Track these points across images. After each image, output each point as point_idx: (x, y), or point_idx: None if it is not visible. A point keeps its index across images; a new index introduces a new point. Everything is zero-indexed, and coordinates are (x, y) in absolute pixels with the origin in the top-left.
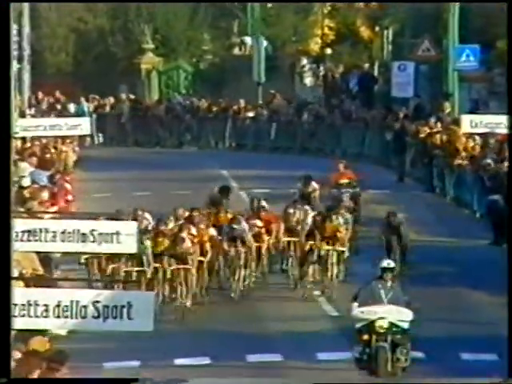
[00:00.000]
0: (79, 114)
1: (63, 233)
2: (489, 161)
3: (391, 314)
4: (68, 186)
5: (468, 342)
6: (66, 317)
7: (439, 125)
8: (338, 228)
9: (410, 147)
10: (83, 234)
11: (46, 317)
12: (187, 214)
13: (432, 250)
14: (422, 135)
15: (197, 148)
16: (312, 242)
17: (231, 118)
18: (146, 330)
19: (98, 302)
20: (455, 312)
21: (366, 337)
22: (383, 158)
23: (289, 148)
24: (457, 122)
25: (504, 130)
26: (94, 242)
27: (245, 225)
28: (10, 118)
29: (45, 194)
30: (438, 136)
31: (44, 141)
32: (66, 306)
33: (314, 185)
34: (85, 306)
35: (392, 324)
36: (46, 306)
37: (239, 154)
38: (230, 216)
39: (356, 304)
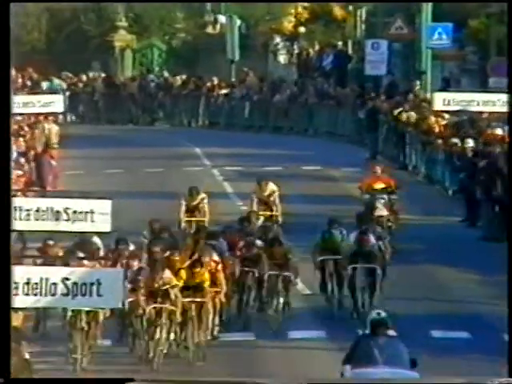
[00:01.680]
0: (52, 91)
1: (37, 211)
2: (456, 140)
3: (391, 376)
4: (53, 162)
5: (439, 319)
6: (36, 294)
7: (411, 103)
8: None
9: (383, 125)
10: (57, 211)
11: (15, 294)
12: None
13: (404, 228)
14: (395, 113)
15: (170, 126)
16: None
17: (204, 96)
18: (114, 306)
19: (67, 279)
20: (427, 290)
21: None
22: (356, 136)
23: (262, 126)
24: (429, 100)
25: (476, 108)
26: (68, 220)
27: None
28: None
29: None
30: (410, 114)
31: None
32: (36, 283)
33: (273, 187)
34: (55, 284)
35: None
36: (15, 283)
37: (212, 132)
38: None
39: (349, 366)
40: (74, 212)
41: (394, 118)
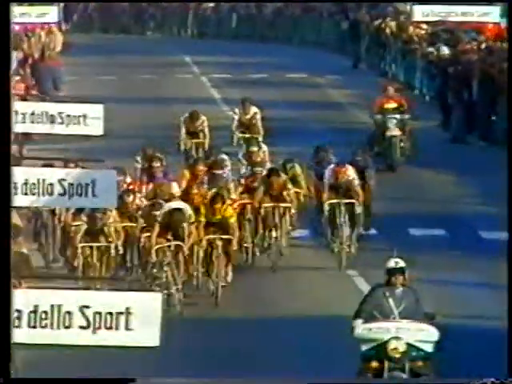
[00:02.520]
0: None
1: (32, 114)
2: (431, 49)
3: (408, 331)
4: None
5: (418, 218)
6: (34, 194)
7: (392, 14)
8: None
9: (365, 36)
10: (51, 115)
11: (14, 194)
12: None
13: None
14: (376, 24)
15: (160, 35)
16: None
17: (193, 9)
18: (108, 206)
19: (63, 180)
20: (405, 190)
21: (375, 364)
22: (339, 45)
23: (249, 36)
24: (408, 12)
25: (455, 19)
26: (62, 123)
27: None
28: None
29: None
30: (390, 25)
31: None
32: (34, 183)
33: (254, 109)
34: (51, 184)
35: (410, 346)
36: (14, 183)
37: (201, 42)
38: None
39: (360, 321)
40: (68, 116)
41: (375, 29)
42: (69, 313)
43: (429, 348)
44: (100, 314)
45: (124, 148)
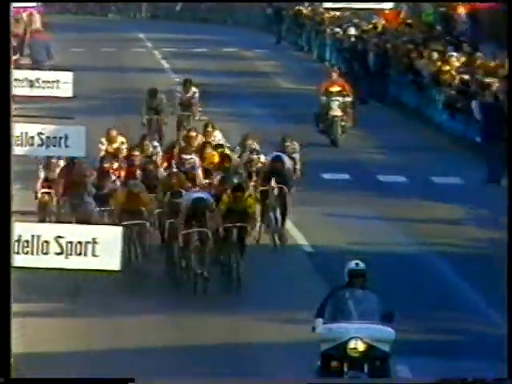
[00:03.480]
0: None
1: (15, 80)
2: (338, 29)
3: (367, 332)
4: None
5: (383, 166)
6: (18, 145)
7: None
8: None
9: (285, 18)
10: (30, 80)
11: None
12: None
13: (300, 95)
14: (296, 9)
15: (120, 17)
16: None
17: None
18: (78, 155)
19: (42, 133)
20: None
21: (335, 364)
22: (265, 26)
23: (192, 18)
24: None
25: (359, 5)
26: (38, 87)
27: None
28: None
29: None
30: (307, 10)
31: None
32: (18, 136)
33: (194, 89)
34: (32, 137)
35: (370, 346)
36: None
37: (153, 22)
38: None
39: (321, 320)
40: (44, 81)
41: (293, 13)
42: (46, 242)
43: (387, 348)
44: (71, 243)
45: (91, 107)
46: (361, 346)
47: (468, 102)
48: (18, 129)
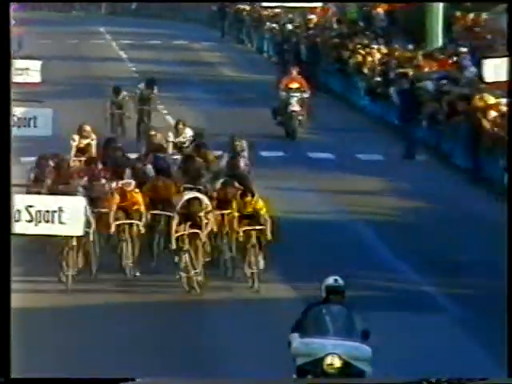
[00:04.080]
0: None
1: None
2: (274, 25)
3: (344, 348)
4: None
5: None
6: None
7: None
8: None
9: (228, 14)
10: None
11: None
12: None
13: (241, 82)
14: (235, 8)
15: (83, 13)
16: None
17: None
18: (45, 135)
19: (13, 115)
20: None
21: (310, 379)
22: (211, 21)
23: (146, 14)
24: None
25: (290, 4)
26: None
27: None
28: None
29: None
30: (245, 7)
31: None
32: None
33: (155, 88)
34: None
35: (346, 363)
36: None
37: (112, 18)
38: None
39: (297, 335)
40: (16, 69)
41: (234, 11)
42: (18, 211)
43: (363, 365)
44: (40, 211)
45: (57, 91)
46: (337, 363)
47: (387, 89)
48: None
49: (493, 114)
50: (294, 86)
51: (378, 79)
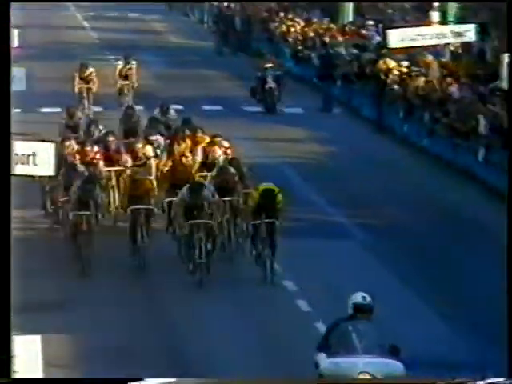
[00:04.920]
0: None
1: None
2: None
3: (376, 366)
4: None
5: (208, 100)
6: None
7: None
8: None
9: None
10: None
11: None
12: None
13: (184, 47)
14: None
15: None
16: None
17: None
18: (20, 89)
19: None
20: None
21: None
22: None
23: None
24: None
25: None
26: None
27: None
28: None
29: None
30: None
31: None
32: None
33: (133, 62)
34: None
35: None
36: None
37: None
38: None
39: (323, 355)
40: None
41: None
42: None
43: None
44: (17, 154)
45: (31, 54)
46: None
47: (308, 53)
48: None
49: (393, 74)
50: (269, 65)
51: (300, 47)
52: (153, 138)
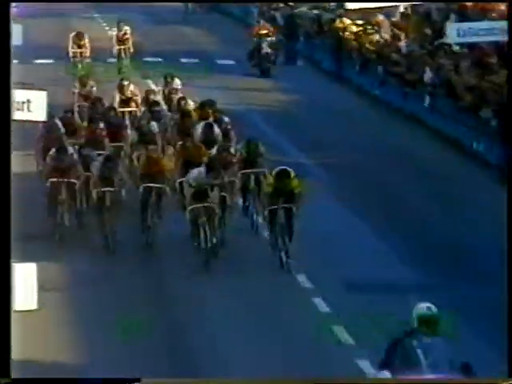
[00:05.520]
0: None
1: None
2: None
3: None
4: None
5: (186, 53)
6: None
7: None
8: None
9: None
10: None
11: None
12: None
13: (166, 7)
14: None
15: None
16: None
17: None
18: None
19: None
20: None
21: None
22: None
23: None
24: None
25: None
26: None
27: None
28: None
29: None
30: None
31: None
32: None
33: (127, 28)
34: None
35: None
36: None
37: None
38: None
39: (387, 373)
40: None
41: None
42: None
43: None
44: (16, 101)
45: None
46: None
47: (273, 14)
48: None
49: (349, 31)
50: (264, 32)
51: (265, 8)
52: (156, 108)
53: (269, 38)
